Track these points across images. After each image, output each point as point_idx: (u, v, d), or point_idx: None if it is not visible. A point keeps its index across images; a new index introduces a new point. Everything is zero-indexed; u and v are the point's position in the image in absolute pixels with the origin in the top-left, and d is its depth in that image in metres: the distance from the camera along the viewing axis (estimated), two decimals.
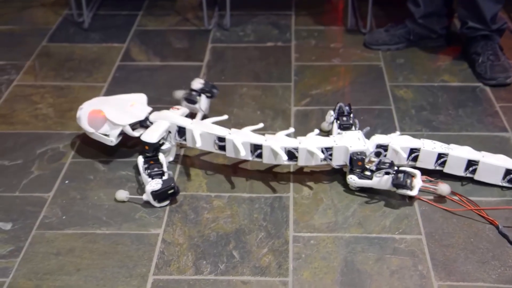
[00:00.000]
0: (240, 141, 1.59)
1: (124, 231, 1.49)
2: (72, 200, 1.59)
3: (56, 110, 1.95)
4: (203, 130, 1.63)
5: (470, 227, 1.49)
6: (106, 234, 1.48)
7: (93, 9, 2.58)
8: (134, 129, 1.69)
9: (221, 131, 1.62)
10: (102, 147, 1.73)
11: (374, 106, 1.96)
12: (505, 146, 1.76)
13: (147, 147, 1.60)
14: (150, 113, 1.71)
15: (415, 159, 1.62)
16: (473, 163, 1.58)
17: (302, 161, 1.59)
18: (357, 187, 1.58)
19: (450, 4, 2.25)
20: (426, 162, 1.61)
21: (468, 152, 1.60)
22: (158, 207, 1.55)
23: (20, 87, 2.09)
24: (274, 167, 1.70)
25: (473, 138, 1.80)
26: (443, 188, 1.55)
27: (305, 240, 1.46)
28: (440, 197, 1.56)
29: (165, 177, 1.56)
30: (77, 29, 2.45)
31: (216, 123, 1.66)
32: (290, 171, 1.68)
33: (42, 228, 1.50)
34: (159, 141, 1.62)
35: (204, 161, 1.73)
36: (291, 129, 1.66)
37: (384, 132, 1.82)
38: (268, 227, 1.50)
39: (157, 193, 1.53)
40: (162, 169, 1.58)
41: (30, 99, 2.01)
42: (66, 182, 1.65)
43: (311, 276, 1.36)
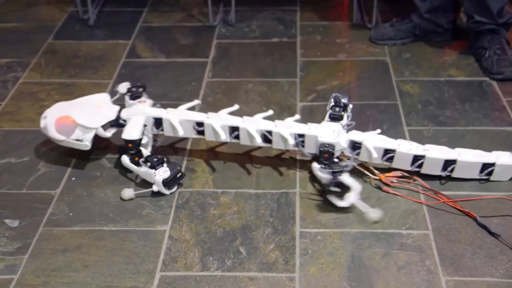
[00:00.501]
0: (219, 124, 1.62)
1: (131, 227, 1.49)
2: (79, 197, 1.59)
3: None
4: (180, 117, 1.65)
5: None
6: (113, 231, 1.48)
7: (98, 6, 2.59)
8: (105, 130, 1.67)
9: (199, 116, 1.65)
10: (108, 144, 1.74)
11: (380, 101, 1.95)
12: None
13: (130, 145, 1.60)
14: (119, 111, 1.69)
15: (390, 160, 1.59)
16: (450, 162, 1.57)
17: (276, 145, 1.62)
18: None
19: None
20: (402, 164, 1.59)
21: (444, 152, 1.57)
22: (169, 194, 1.57)
23: (26, 84, 2.09)
24: (280, 163, 1.69)
25: (480, 133, 1.79)
26: (373, 215, 1.48)
27: (311, 236, 1.46)
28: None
29: (166, 164, 1.56)
30: (83, 26, 2.46)
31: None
32: (296, 167, 1.68)
33: (50, 225, 1.50)
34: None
35: (210, 157, 1.73)
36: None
37: (390, 128, 1.82)
38: (274, 223, 1.50)
39: (168, 180, 1.54)
40: (159, 157, 1.58)
41: (36, 96, 2.02)
42: (73, 179, 1.66)
43: (318, 272, 1.36)
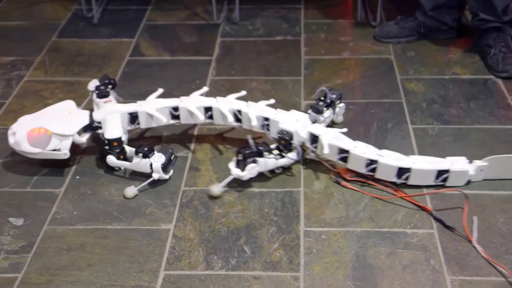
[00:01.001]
0: (194, 106, 1.67)
1: (135, 226, 1.49)
2: (83, 196, 1.59)
3: None
4: (156, 107, 1.69)
5: (483, 221, 1.48)
6: (117, 230, 1.48)
7: (102, 4, 2.58)
8: (79, 136, 1.66)
9: (173, 102, 1.70)
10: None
11: (385, 99, 1.95)
12: None
13: (115, 143, 1.62)
14: (90, 115, 1.69)
15: (345, 160, 1.59)
16: (404, 170, 1.55)
17: (245, 125, 1.69)
18: None
19: None
20: (356, 166, 1.58)
21: (397, 160, 1.56)
22: (168, 178, 1.59)
23: (30, 82, 2.09)
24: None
25: (485, 131, 1.78)
26: (213, 189, 1.56)
27: (316, 235, 1.45)
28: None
29: (157, 150, 1.59)
30: (87, 24, 2.45)
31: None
32: (301, 166, 1.67)
33: (54, 224, 1.50)
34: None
35: (215, 156, 1.72)
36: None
37: (395, 126, 1.81)
38: (279, 222, 1.49)
39: (165, 164, 1.57)
40: (148, 146, 1.59)
41: (40, 94, 2.02)
42: (77, 177, 1.66)
43: (323, 271, 1.36)
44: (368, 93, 1.98)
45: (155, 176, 1.57)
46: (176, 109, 1.70)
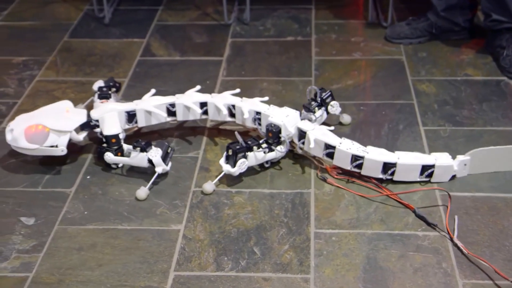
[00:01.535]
0: (191, 102, 1.71)
1: (145, 226, 1.49)
2: (93, 196, 1.59)
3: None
4: (153, 104, 1.71)
5: (495, 224, 1.46)
6: (127, 230, 1.48)
7: (113, 4, 2.59)
8: (77, 134, 1.67)
9: (168, 99, 1.73)
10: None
11: (396, 100, 1.94)
12: None
13: (114, 140, 1.63)
14: (87, 114, 1.69)
15: (331, 156, 1.59)
16: (390, 165, 1.56)
17: (238, 120, 1.73)
18: None
19: None
20: (341, 162, 1.58)
21: (383, 155, 1.56)
22: (169, 169, 1.61)
23: (42, 82, 2.10)
24: (294, 162, 1.69)
25: (498, 133, 1.77)
26: (205, 186, 1.58)
27: (326, 237, 1.45)
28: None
29: (154, 145, 1.61)
30: (98, 25, 2.46)
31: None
32: (311, 167, 1.67)
33: (65, 223, 1.51)
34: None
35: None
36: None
37: (406, 127, 1.80)
38: (289, 224, 1.49)
39: (163, 157, 1.58)
40: (146, 141, 1.59)
41: (52, 94, 2.03)
42: (88, 177, 1.66)
43: (333, 273, 1.35)
44: (379, 94, 1.97)
45: (159, 169, 1.58)
46: (173, 105, 1.73)
